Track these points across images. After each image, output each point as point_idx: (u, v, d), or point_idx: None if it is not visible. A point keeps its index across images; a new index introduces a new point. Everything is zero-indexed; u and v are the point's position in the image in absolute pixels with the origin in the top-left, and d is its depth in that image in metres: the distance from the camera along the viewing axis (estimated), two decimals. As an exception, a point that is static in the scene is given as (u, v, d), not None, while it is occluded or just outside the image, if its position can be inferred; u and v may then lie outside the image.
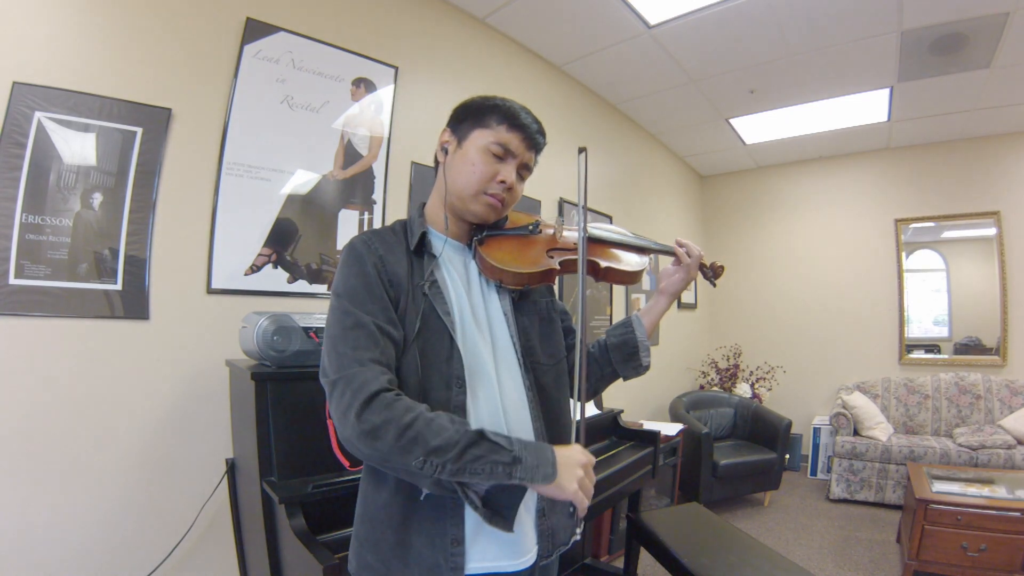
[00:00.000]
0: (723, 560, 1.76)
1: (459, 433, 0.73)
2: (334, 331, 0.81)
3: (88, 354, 1.55)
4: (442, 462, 0.72)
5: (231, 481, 1.72)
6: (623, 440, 2.43)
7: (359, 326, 0.80)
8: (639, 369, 1.09)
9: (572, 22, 2.87)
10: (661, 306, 1.12)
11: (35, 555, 1.44)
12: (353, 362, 0.77)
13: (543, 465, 0.75)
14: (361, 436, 0.72)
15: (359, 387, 0.74)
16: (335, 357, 0.78)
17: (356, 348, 0.78)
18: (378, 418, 0.72)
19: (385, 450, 0.72)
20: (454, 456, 0.72)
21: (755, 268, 5.35)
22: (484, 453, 0.73)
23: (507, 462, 0.73)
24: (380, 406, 0.73)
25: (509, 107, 0.92)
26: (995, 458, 3.45)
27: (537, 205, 3.11)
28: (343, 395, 0.74)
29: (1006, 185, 4.23)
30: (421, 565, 0.81)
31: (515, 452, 0.74)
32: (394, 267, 0.87)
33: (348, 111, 2.19)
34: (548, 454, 0.77)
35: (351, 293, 0.83)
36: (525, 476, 0.74)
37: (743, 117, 4.13)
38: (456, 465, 0.72)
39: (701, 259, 1.12)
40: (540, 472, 0.75)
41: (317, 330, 1.52)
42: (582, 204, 0.90)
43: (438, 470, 0.72)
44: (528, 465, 0.74)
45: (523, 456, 0.74)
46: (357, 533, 0.89)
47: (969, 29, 2.78)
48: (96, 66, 1.57)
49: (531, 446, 0.77)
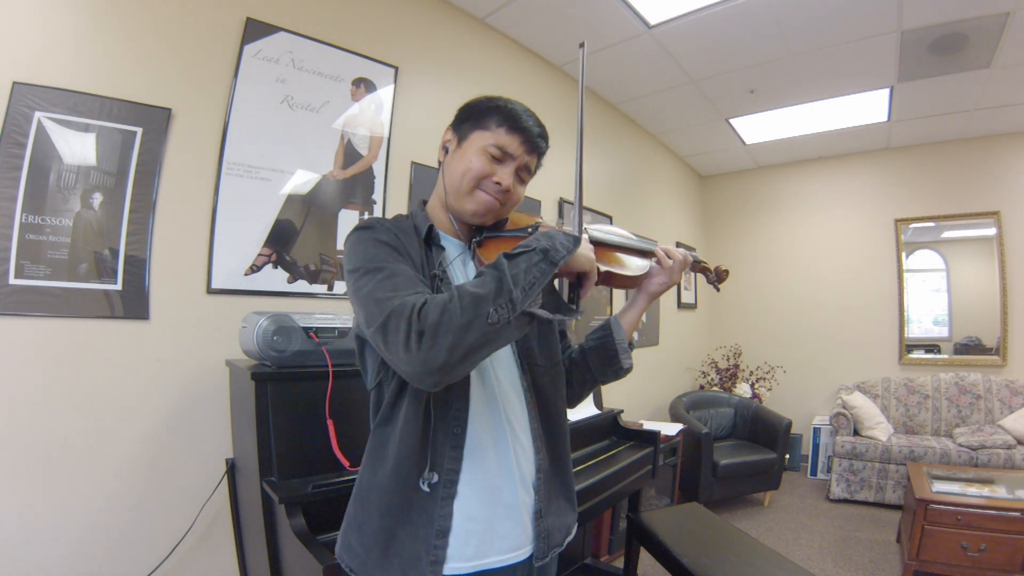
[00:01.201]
0: (723, 560, 1.77)
1: (493, 272, 0.73)
2: (368, 287, 0.76)
3: (88, 354, 1.55)
4: (507, 299, 0.71)
5: (231, 481, 1.72)
6: (623, 440, 2.44)
7: (394, 275, 0.77)
8: (619, 372, 1.06)
9: (572, 22, 2.87)
10: (639, 305, 1.08)
11: (35, 555, 1.44)
12: (394, 300, 0.72)
13: (561, 238, 0.78)
14: (432, 344, 0.67)
15: (409, 309, 0.69)
16: (375, 304, 0.73)
17: (396, 289, 0.74)
18: (435, 315, 0.68)
19: (459, 334, 0.67)
20: (510, 285, 0.71)
21: (755, 268, 5.35)
22: (524, 264, 0.74)
23: (542, 257, 0.75)
24: (431, 307, 0.69)
25: (511, 109, 0.91)
26: (995, 458, 3.45)
27: (537, 205, 3.11)
28: (398, 327, 0.69)
29: (1006, 185, 4.24)
30: (401, 556, 0.81)
31: (538, 247, 0.76)
32: (409, 247, 0.86)
33: (348, 111, 2.19)
34: (555, 232, 0.80)
35: (374, 257, 0.80)
36: (561, 254, 0.77)
37: (743, 117, 4.13)
38: (518, 290, 0.72)
39: (685, 265, 1.09)
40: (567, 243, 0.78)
41: (317, 330, 1.52)
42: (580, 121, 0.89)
43: (509, 309, 0.70)
44: (555, 246, 0.77)
45: (545, 245, 0.77)
46: (347, 513, 0.89)
47: (969, 29, 2.78)
48: (96, 66, 1.57)
49: (540, 236, 0.79)
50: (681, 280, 1.12)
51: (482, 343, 0.70)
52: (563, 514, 0.96)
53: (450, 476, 0.82)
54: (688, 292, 5.20)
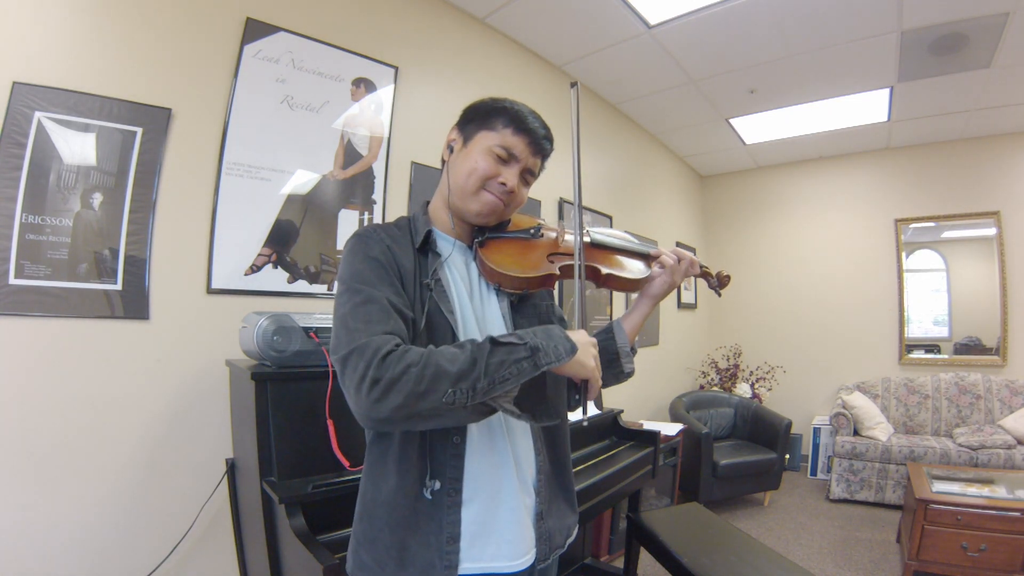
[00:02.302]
0: (723, 560, 1.76)
1: (473, 350, 0.71)
2: (344, 309, 0.78)
3: (88, 354, 1.55)
4: (470, 385, 0.69)
5: (231, 481, 1.72)
6: (623, 440, 2.44)
7: (370, 301, 0.78)
8: (620, 376, 1.06)
9: (572, 22, 2.87)
10: (643, 309, 1.07)
11: (35, 555, 1.44)
12: (365, 333, 0.73)
13: (559, 341, 0.75)
14: (381, 398, 0.67)
15: (372, 352, 0.69)
16: (345, 333, 0.74)
17: (368, 322, 0.75)
18: (394, 370, 0.68)
19: (410, 399, 0.67)
20: (479, 373, 0.69)
21: (755, 268, 5.35)
22: (504, 357, 0.71)
23: (528, 355, 0.72)
24: (394, 360, 0.69)
25: (517, 111, 0.91)
26: (995, 458, 3.45)
27: (537, 205, 3.11)
28: (356, 366, 0.70)
29: (1006, 185, 4.24)
30: (416, 565, 0.81)
31: (530, 343, 0.73)
32: (401, 259, 0.87)
33: (348, 111, 2.19)
34: (557, 332, 0.77)
35: (359, 275, 0.81)
36: (550, 359, 0.73)
37: (743, 117, 4.13)
38: (485, 380, 0.70)
39: (690, 269, 1.08)
40: (561, 349, 0.74)
41: (317, 330, 1.52)
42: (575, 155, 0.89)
43: (469, 396, 0.69)
44: (547, 349, 0.74)
45: (539, 343, 0.74)
46: (355, 532, 0.89)
47: (969, 29, 2.78)
48: (96, 66, 1.57)
49: (539, 331, 0.76)
50: (682, 282, 1.11)
51: (430, 415, 0.70)
52: (564, 516, 0.96)
53: (453, 484, 0.83)
54: (688, 292, 5.20)
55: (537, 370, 0.73)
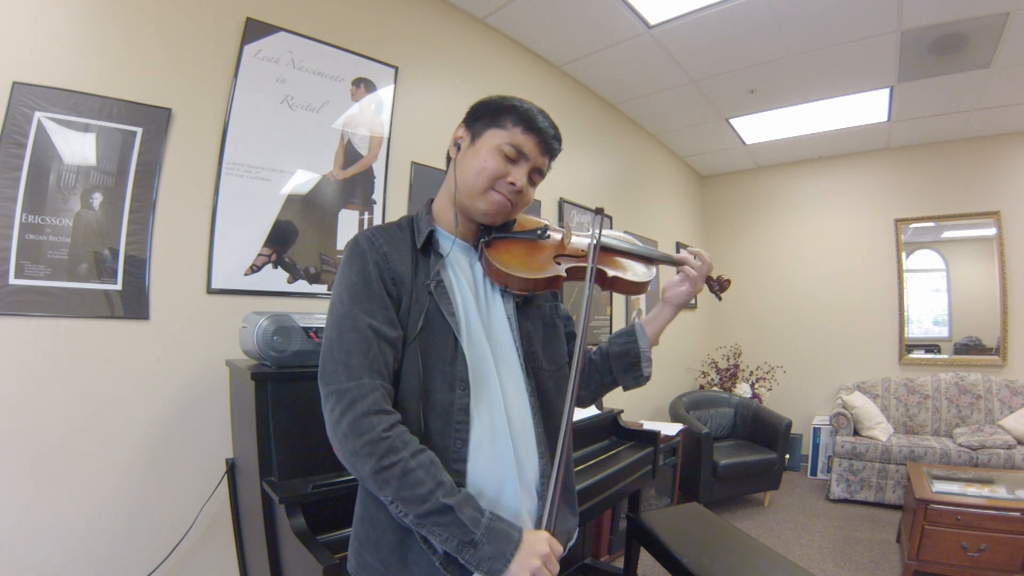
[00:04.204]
0: (723, 560, 1.76)
1: (431, 496, 0.75)
2: (332, 333, 0.83)
3: (88, 354, 1.55)
4: (406, 511, 0.75)
5: (231, 481, 1.72)
6: (623, 440, 2.43)
7: (355, 329, 0.81)
8: (639, 380, 1.07)
9: (572, 22, 2.87)
10: (665, 316, 1.09)
11: (35, 555, 1.44)
12: (344, 373, 0.79)
13: (496, 559, 0.74)
14: (344, 454, 0.78)
15: (348, 405, 0.77)
16: (329, 363, 0.81)
17: (349, 354, 0.80)
18: (360, 447, 0.75)
19: (363, 476, 0.77)
20: (418, 514, 0.75)
21: (755, 268, 5.35)
22: (447, 523, 0.75)
23: (464, 541, 0.75)
24: (366, 436, 0.75)
25: (527, 109, 0.91)
26: (995, 458, 3.45)
27: (537, 205, 3.11)
28: (333, 409, 0.78)
29: (1006, 185, 4.24)
30: (420, 565, 0.81)
31: (475, 537, 0.75)
32: (397, 265, 0.86)
33: (348, 111, 2.19)
34: (510, 547, 0.75)
35: (351, 290, 0.84)
36: (472, 561, 0.75)
37: (743, 117, 4.13)
38: (417, 521, 0.76)
39: (709, 271, 1.09)
40: (488, 565, 0.75)
41: (317, 330, 1.51)
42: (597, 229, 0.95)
43: (402, 514, 0.76)
44: (481, 555, 0.74)
45: (481, 544, 0.75)
46: (357, 534, 0.89)
47: (969, 29, 2.78)
48: (96, 66, 1.57)
49: (499, 534, 0.75)
50: (702, 288, 1.12)
51: (378, 493, 0.78)
52: (565, 519, 0.96)
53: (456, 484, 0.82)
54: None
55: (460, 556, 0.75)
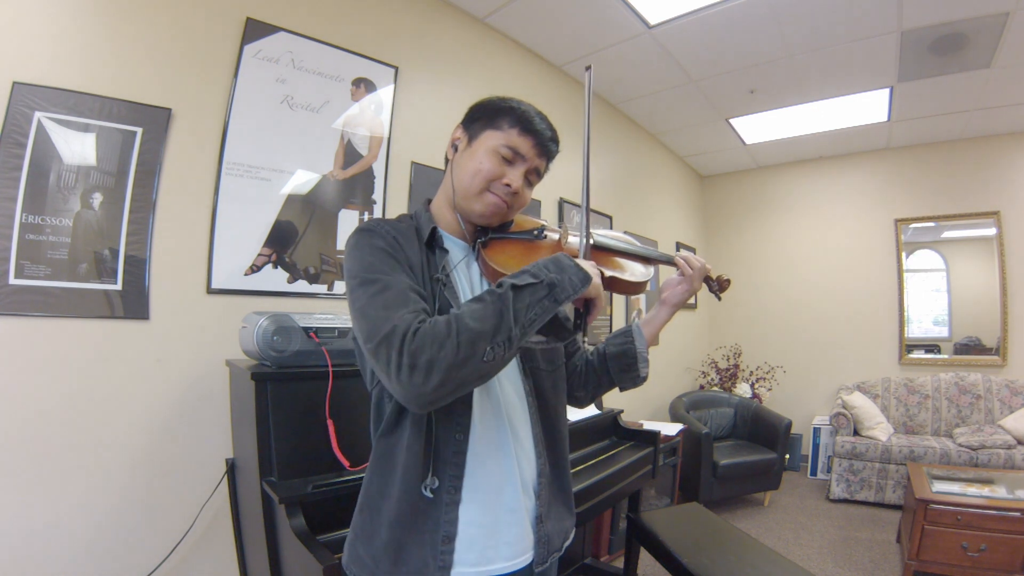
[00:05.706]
0: (723, 560, 1.77)
1: (495, 301, 0.71)
2: (361, 302, 0.75)
3: (88, 354, 1.55)
4: (505, 337, 0.70)
5: (231, 481, 1.72)
6: (623, 440, 2.43)
7: (387, 288, 0.75)
8: (637, 380, 1.08)
9: (572, 22, 2.87)
10: (663, 317, 1.09)
11: (35, 555, 1.44)
12: (385, 322, 0.71)
13: (571, 272, 0.76)
14: (423, 381, 0.67)
15: (400, 337, 0.68)
16: (367, 324, 0.73)
17: (387, 308, 0.73)
18: (428, 349, 0.67)
19: (451, 371, 0.67)
20: (510, 323, 0.70)
21: (755, 268, 5.35)
22: (528, 299, 0.72)
23: (547, 294, 0.74)
24: (423, 338, 0.68)
25: (524, 111, 0.91)
26: (995, 458, 3.45)
27: (537, 206, 3.11)
28: (388, 355, 0.68)
29: (1006, 185, 4.24)
30: (409, 565, 0.81)
31: (545, 280, 0.74)
32: (409, 251, 0.85)
33: (348, 111, 2.19)
34: (566, 261, 0.78)
35: (370, 266, 0.79)
36: (568, 293, 0.75)
37: (743, 117, 4.13)
38: (517, 329, 0.71)
39: (706, 272, 1.10)
40: (576, 280, 0.76)
41: (317, 330, 1.51)
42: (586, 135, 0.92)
43: (506, 348, 0.70)
44: (563, 283, 0.75)
45: (554, 278, 0.75)
46: (354, 524, 0.89)
47: (969, 29, 2.78)
48: (96, 66, 1.57)
49: (550, 264, 0.77)
50: (700, 288, 1.12)
51: (474, 379, 0.71)
52: (562, 519, 0.96)
53: (453, 482, 0.82)
54: (688, 292, 5.19)
55: (558, 305, 0.74)
